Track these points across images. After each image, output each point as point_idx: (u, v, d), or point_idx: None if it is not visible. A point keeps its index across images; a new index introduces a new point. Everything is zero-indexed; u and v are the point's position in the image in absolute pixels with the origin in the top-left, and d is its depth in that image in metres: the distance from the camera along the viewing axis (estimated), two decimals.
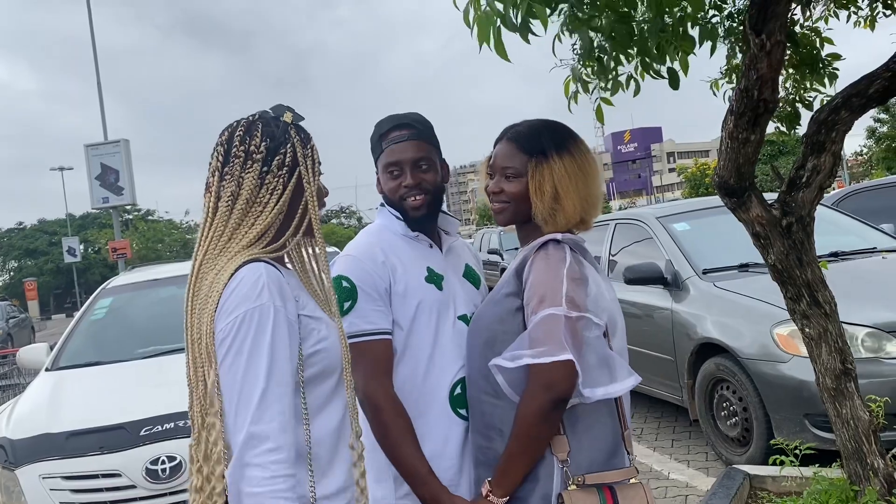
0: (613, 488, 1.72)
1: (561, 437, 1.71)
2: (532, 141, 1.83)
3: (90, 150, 18.09)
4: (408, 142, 1.93)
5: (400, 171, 1.93)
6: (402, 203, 1.93)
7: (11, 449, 3.47)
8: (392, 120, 1.97)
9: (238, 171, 1.50)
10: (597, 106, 2.99)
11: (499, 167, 1.86)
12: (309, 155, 1.57)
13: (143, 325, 4.89)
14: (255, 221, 1.49)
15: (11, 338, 20.70)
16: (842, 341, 2.89)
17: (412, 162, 1.92)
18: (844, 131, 2.68)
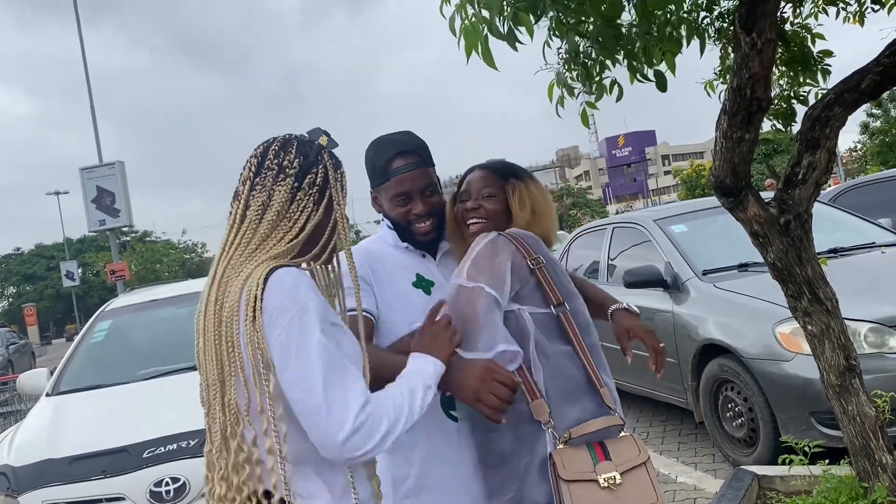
0: (603, 443, 1.80)
1: (539, 400, 1.81)
2: (504, 169, 2.08)
3: (85, 173, 18.11)
4: (415, 170, 1.97)
5: (409, 200, 1.98)
6: (410, 227, 1.99)
7: (14, 476, 3.44)
8: (394, 146, 1.99)
9: (270, 182, 1.53)
10: (582, 111, 2.99)
11: (475, 190, 2.03)
12: (339, 179, 1.61)
13: (143, 346, 4.87)
14: (284, 236, 1.52)
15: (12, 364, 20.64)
16: (844, 337, 2.88)
17: (420, 190, 1.98)
18: (838, 127, 2.67)
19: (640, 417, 6.02)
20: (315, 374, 1.36)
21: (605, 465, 1.75)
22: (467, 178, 2.09)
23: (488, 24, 2.26)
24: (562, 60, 2.89)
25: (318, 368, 1.36)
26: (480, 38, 2.26)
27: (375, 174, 2.02)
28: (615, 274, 5.94)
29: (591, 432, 1.81)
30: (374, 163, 2.01)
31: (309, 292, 1.42)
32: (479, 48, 2.27)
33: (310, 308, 1.40)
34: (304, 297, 1.41)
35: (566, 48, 2.83)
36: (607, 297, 2.34)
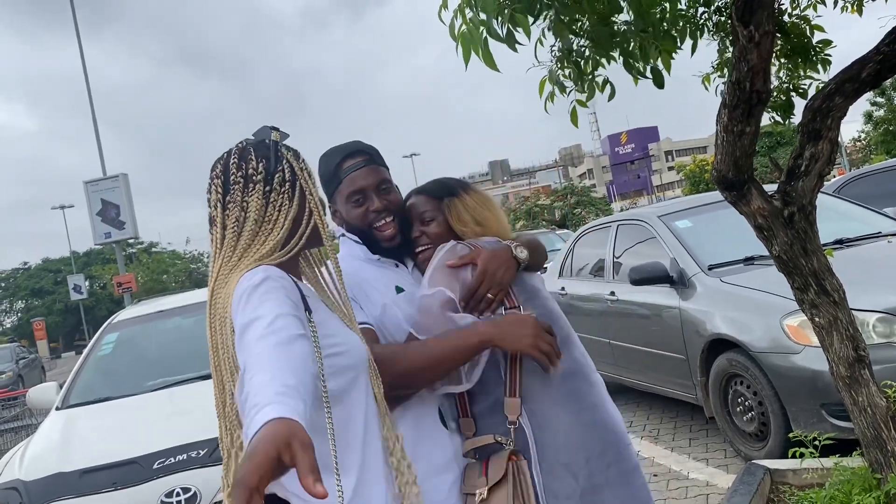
0: (490, 459, 1.84)
1: (468, 419, 1.88)
2: (438, 189, 2.05)
3: (89, 186, 18.20)
4: (366, 167, 1.94)
5: (364, 198, 1.93)
6: (373, 230, 1.93)
7: (25, 491, 3.45)
8: (341, 150, 1.96)
9: (240, 196, 1.53)
10: (572, 109, 2.98)
11: (416, 217, 2.00)
12: (304, 168, 1.61)
13: (151, 357, 4.88)
14: (267, 239, 1.52)
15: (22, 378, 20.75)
16: (853, 328, 2.86)
17: (375, 186, 1.93)
18: (840, 117, 2.66)
19: (651, 415, 6.00)
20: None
21: (480, 481, 1.81)
22: (407, 204, 2.06)
23: (486, 27, 2.26)
24: (554, 58, 2.89)
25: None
26: (480, 41, 2.26)
27: (328, 182, 1.98)
28: (621, 272, 5.92)
29: (476, 448, 1.87)
30: (325, 170, 1.97)
31: (262, 272, 1.42)
32: (479, 51, 2.27)
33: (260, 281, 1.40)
34: (253, 276, 1.41)
35: (559, 46, 2.83)
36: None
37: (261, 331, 1.28)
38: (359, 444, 1.52)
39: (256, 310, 1.34)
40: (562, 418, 1.85)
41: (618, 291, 5.79)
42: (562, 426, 1.84)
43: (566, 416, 1.85)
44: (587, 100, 2.98)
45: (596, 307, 6.11)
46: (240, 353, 1.30)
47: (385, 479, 1.56)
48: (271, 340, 1.26)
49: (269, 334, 1.27)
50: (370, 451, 1.54)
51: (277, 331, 1.28)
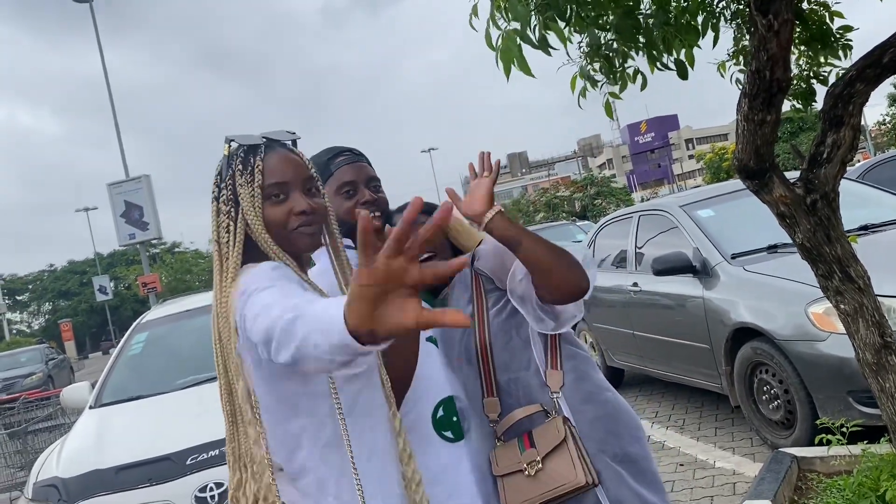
0: (531, 432, 1.82)
1: (493, 399, 1.86)
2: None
3: (112, 188, 18.42)
4: (357, 162, 1.95)
5: (355, 190, 1.92)
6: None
7: (64, 488, 3.54)
8: (333, 149, 1.98)
9: (211, 217, 1.54)
10: (605, 102, 2.99)
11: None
12: (248, 181, 1.49)
13: (180, 356, 4.96)
14: (227, 258, 1.48)
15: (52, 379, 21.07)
16: (878, 315, 2.85)
17: (366, 181, 1.93)
18: (861, 103, 2.65)
19: (676, 404, 6.00)
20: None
21: (529, 452, 1.79)
22: (394, 219, 2.03)
23: (520, 35, 2.28)
24: (583, 54, 2.90)
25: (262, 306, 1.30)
26: (515, 50, 2.28)
27: (318, 174, 1.92)
28: (643, 262, 5.92)
29: (514, 423, 1.85)
30: (316, 163, 1.91)
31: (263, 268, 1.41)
32: (515, 62, 2.29)
33: (249, 288, 1.36)
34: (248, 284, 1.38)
35: (587, 41, 2.84)
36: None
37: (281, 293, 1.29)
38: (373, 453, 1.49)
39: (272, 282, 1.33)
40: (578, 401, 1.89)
41: (641, 282, 5.79)
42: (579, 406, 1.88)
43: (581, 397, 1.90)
44: (620, 91, 2.99)
45: (619, 298, 6.11)
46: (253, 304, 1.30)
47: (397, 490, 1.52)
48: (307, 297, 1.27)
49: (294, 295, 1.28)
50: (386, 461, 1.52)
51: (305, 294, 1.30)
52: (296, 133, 1.63)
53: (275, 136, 1.58)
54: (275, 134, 1.59)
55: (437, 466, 1.81)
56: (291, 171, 1.54)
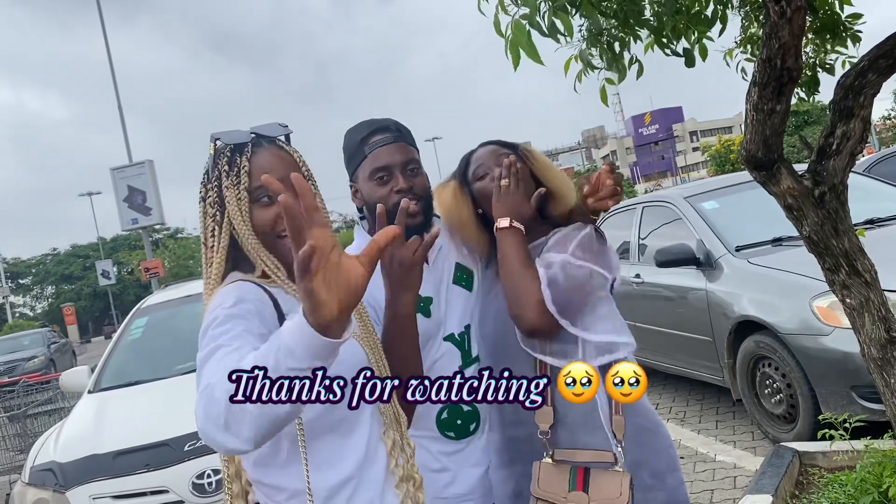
0: (588, 471, 1.70)
1: (547, 408, 1.73)
2: (506, 142, 1.98)
3: (116, 173, 18.39)
4: (394, 144, 1.77)
5: (389, 176, 1.75)
6: (396, 211, 1.73)
7: (61, 472, 3.53)
8: (371, 124, 1.81)
9: (199, 219, 1.48)
10: (601, 88, 2.94)
11: (490, 156, 1.90)
12: (234, 183, 1.42)
13: (180, 341, 4.94)
14: (211, 263, 1.42)
15: (54, 363, 21.14)
16: (885, 309, 2.82)
17: (402, 165, 1.76)
18: (873, 95, 2.60)
19: (677, 397, 5.98)
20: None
21: (578, 495, 1.67)
22: (474, 157, 1.93)
23: (530, 20, 2.24)
24: (583, 38, 2.85)
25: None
26: (525, 38, 2.24)
27: (351, 157, 1.82)
28: (646, 254, 5.88)
29: (574, 461, 1.72)
30: (350, 144, 1.82)
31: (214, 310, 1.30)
32: (526, 50, 2.25)
33: (208, 326, 1.28)
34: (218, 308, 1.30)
35: (587, 26, 2.80)
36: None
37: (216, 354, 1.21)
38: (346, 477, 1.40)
39: (215, 339, 1.24)
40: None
41: (643, 274, 5.76)
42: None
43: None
44: (619, 81, 2.94)
45: (621, 290, 6.03)
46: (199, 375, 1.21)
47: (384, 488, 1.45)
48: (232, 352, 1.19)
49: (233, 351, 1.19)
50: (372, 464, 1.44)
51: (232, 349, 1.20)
52: (288, 126, 1.53)
53: (264, 130, 1.49)
54: (265, 128, 1.49)
55: (437, 460, 1.80)
56: (280, 172, 1.38)
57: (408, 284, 1.56)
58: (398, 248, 1.55)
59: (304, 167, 1.48)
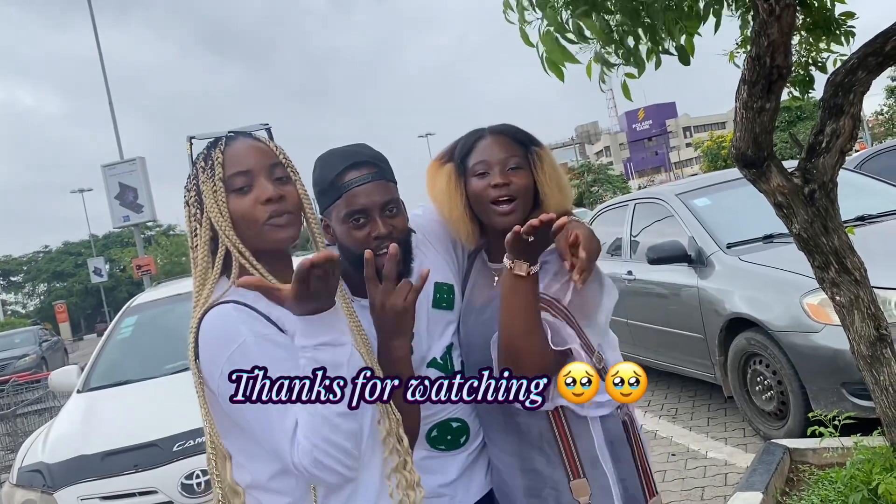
0: None
1: (581, 480, 1.67)
2: (522, 135, 1.79)
3: (107, 170, 18.30)
4: (373, 183, 1.63)
5: (367, 219, 1.62)
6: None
7: (49, 473, 3.50)
8: (345, 157, 1.66)
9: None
10: (623, 83, 2.92)
11: (498, 161, 1.73)
12: (209, 176, 1.39)
13: (169, 340, 4.91)
14: (196, 265, 1.40)
15: (46, 361, 21.05)
16: (874, 307, 2.82)
17: (381, 207, 1.63)
18: (862, 92, 2.60)
19: (669, 394, 5.98)
20: (254, 427, 1.30)
21: None
22: (478, 146, 1.77)
23: (558, 29, 2.24)
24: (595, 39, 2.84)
25: (254, 423, 1.30)
26: (558, 51, 2.23)
27: (324, 193, 1.67)
28: (638, 251, 5.88)
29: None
30: (322, 179, 1.67)
31: (230, 339, 1.30)
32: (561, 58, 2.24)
33: (228, 369, 1.28)
34: (221, 355, 1.29)
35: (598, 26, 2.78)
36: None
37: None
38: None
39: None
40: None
41: (635, 271, 5.75)
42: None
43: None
44: (639, 74, 2.92)
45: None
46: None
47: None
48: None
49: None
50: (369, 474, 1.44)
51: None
52: (268, 124, 1.51)
53: (243, 129, 1.47)
54: (243, 128, 1.48)
55: (435, 476, 1.78)
56: (254, 158, 1.40)
57: (401, 330, 1.54)
58: (388, 295, 1.52)
59: (282, 156, 1.45)
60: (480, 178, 1.74)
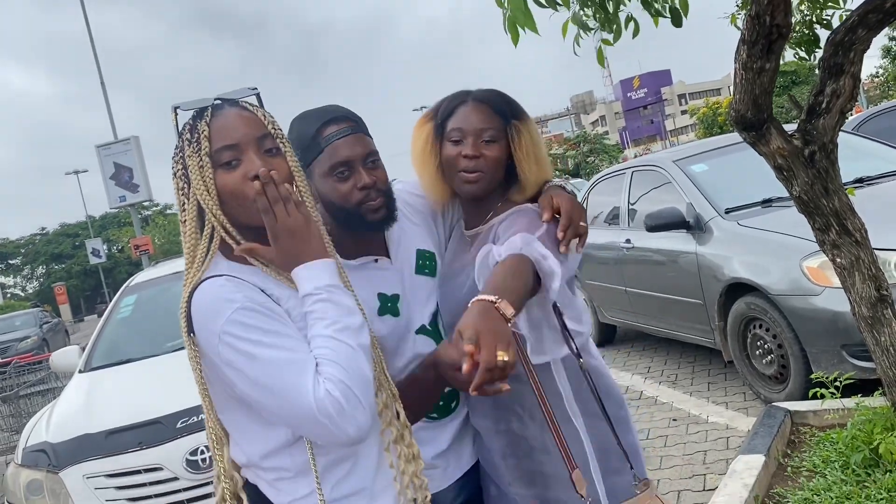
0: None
1: (577, 471, 1.66)
2: (502, 104, 1.79)
3: (101, 150, 18.17)
4: (353, 136, 1.65)
5: (351, 171, 1.63)
6: (359, 208, 1.64)
7: (53, 452, 3.52)
8: (323, 114, 1.68)
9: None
10: (598, 49, 2.89)
11: (472, 131, 1.74)
12: (195, 150, 1.35)
13: (169, 318, 4.89)
14: (185, 240, 1.38)
15: (47, 343, 21.14)
16: (875, 268, 2.81)
17: (362, 158, 1.64)
18: (863, 51, 2.57)
19: (668, 360, 6.00)
20: (266, 386, 1.25)
21: None
22: (458, 111, 1.77)
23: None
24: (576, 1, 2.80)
25: (266, 380, 1.25)
26: (522, 9, 2.18)
27: (305, 150, 1.65)
28: (636, 218, 5.87)
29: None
30: (302, 136, 1.67)
31: (225, 304, 1.27)
32: (523, 22, 2.19)
33: (228, 329, 1.25)
34: (217, 320, 1.26)
35: None
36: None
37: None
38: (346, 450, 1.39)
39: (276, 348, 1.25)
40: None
41: (633, 239, 5.74)
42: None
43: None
44: (614, 41, 2.89)
45: (612, 255, 6.07)
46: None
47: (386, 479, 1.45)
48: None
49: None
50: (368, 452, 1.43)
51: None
52: (257, 88, 1.46)
53: (230, 95, 1.43)
54: (231, 94, 1.43)
55: (427, 445, 1.76)
56: (241, 131, 1.35)
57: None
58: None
59: (271, 126, 1.41)
60: (454, 146, 1.77)
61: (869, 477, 2.89)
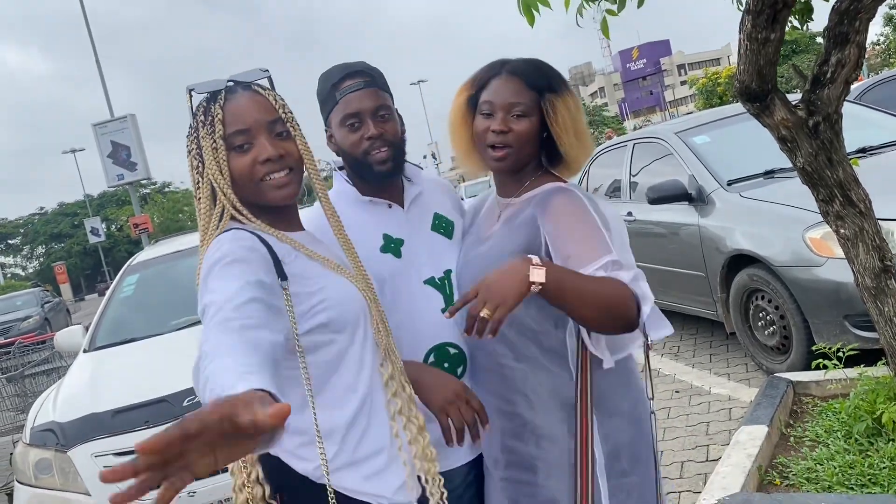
0: None
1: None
2: (537, 77, 1.73)
3: (98, 128, 18.05)
4: (364, 90, 1.76)
5: (360, 122, 1.76)
6: (367, 158, 1.77)
7: (61, 431, 3.53)
8: (342, 69, 1.80)
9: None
10: (602, 20, 2.86)
11: (502, 105, 1.70)
12: (209, 133, 1.41)
13: (173, 296, 4.91)
14: (200, 217, 1.43)
15: (49, 322, 21.18)
16: (879, 239, 2.81)
17: (372, 111, 1.76)
18: (868, 19, 2.54)
19: None
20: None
21: None
22: (492, 84, 1.75)
23: None
24: None
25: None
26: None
27: (324, 102, 1.82)
28: (638, 191, 5.85)
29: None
30: (323, 89, 1.82)
31: (214, 249, 1.31)
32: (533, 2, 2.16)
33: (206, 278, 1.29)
34: (208, 261, 1.31)
35: None
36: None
37: (215, 317, 1.19)
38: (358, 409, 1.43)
39: (211, 293, 1.24)
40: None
41: (635, 211, 5.73)
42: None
43: None
44: (619, 10, 2.85)
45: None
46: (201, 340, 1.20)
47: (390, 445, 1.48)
48: (229, 326, 1.16)
49: (224, 321, 1.17)
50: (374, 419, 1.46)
51: (230, 319, 1.17)
52: (268, 70, 1.50)
53: (242, 77, 1.48)
54: (242, 75, 1.48)
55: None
56: (254, 115, 1.42)
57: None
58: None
59: (282, 110, 1.46)
60: (485, 119, 1.75)
61: (871, 446, 2.92)
